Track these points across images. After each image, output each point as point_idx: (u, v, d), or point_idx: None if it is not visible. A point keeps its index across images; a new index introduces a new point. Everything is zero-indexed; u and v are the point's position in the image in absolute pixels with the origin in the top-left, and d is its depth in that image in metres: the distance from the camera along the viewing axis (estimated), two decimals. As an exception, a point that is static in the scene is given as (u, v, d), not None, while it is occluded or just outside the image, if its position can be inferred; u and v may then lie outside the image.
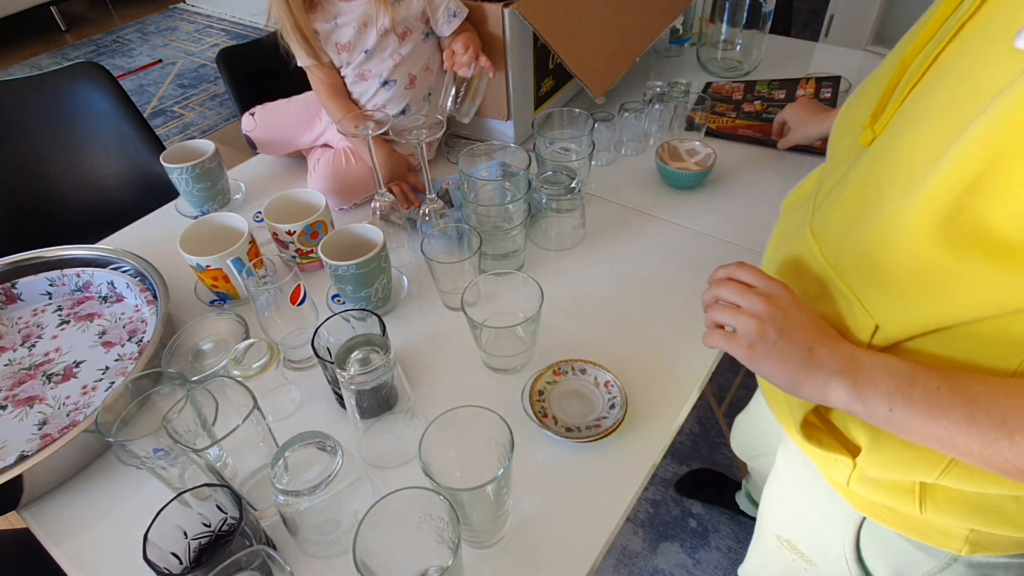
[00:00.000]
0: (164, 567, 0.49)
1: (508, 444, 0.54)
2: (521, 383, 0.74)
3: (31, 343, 0.85)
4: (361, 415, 0.66)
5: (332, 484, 0.54)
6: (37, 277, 0.90)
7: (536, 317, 0.70)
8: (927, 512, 0.49)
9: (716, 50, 1.35)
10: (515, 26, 0.98)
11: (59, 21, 4.01)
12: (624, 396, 0.70)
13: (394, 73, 1.00)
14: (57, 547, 0.65)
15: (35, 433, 0.74)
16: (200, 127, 2.98)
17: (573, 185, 0.90)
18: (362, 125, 0.83)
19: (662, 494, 1.43)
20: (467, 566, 0.60)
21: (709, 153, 1.03)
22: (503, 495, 0.56)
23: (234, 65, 1.30)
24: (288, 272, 0.74)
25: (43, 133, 1.24)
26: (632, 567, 1.31)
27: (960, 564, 0.53)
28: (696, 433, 1.55)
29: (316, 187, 1.01)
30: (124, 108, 1.25)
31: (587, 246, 0.95)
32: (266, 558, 0.48)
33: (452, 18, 0.99)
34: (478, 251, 0.79)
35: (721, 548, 1.33)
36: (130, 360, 0.82)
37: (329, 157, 1.05)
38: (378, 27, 0.96)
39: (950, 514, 0.48)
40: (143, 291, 0.87)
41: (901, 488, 0.49)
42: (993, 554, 0.51)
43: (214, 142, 1.01)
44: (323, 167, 1.04)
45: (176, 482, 0.63)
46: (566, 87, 1.22)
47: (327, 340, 0.68)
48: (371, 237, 0.80)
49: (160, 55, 3.66)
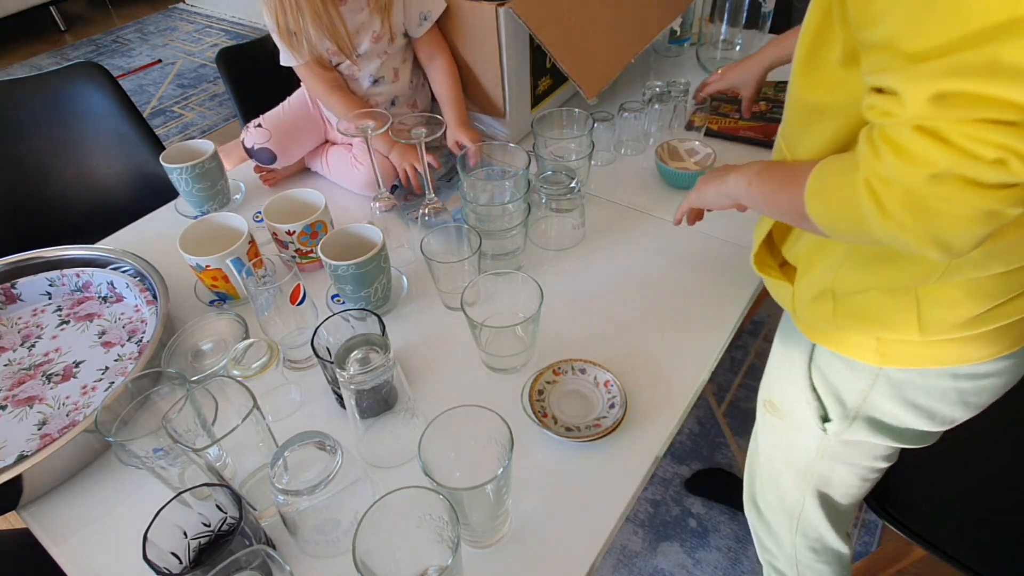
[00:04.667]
0: (164, 567, 0.49)
1: (508, 444, 0.54)
2: (521, 383, 0.74)
3: (31, 343, 0.85)
4: (361, 415, 0.66)
5: (332, 484, 0.54)
6: (37, 277, 0.90)
7: (536, 317, 0.70)
8: (840, 325, 0.61)
9: (716, 50, 1.35)
10: (510, 25, 0.98)
11: (59, 21, 4.01)
12: (624, 396, 0.70)
13: (381, 71, 1.03)
14: (57, 547, 0.65)
15: (35, 433, 0.74)
16: (200, 127, 2.98)
17: (573, 185, 0.90)
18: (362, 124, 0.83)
19: (662, 494, 1.43)
20: (467, 566, 0.60)
21: (709, 153, 1.03)
22: (503, 495, 0.56)
23: (234, 65, 1.30)
24: (288, 272, 0.74)
25: (43, 133, 1.24)
26: (632, 567, 1.31)
27: (883, 382, 0.62)
28: (696, 433, 1.55)
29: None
30: (124, 108, 1.25)
31: (587, 246, 0.95)
32: (266, 558, 0.48)
33: (423, 22, 1.02)
34: (478, 251, 0.79)
35: (721, 548, 1.33)
36: (130, 360, 0.82)
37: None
38: (372, 34, 0.97)
39: (855, 323, 0.60)
40: (143, 291, 0.87)
41: (822, 306, 0.61)
42: (903, 366, 0.60)
43: (214, 142, 1.01)
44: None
45: (176, 482, 0.63)
46: (563, 86, 1.22)
47: (327, 340, 0.68)
48: (371, 237, 0.80)
49: (160, 55, 3.66)
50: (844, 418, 0.67)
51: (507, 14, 0.97)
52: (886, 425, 0.66)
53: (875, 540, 1.33)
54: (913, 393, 0.62)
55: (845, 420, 0.67)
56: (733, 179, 0.63)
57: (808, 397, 0.70)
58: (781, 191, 0.55)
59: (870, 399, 0.64)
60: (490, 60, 1.04)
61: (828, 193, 0.48)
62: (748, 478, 0.92)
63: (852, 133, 0.51)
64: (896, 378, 0.61)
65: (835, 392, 0.67)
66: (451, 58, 1.07)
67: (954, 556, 0.84)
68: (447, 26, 1.05)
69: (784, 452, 0.80)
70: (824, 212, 0.49)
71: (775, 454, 0.82)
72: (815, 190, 0.49)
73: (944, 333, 0.56)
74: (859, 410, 0.66)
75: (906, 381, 0.61)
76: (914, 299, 0.55)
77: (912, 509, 0.89)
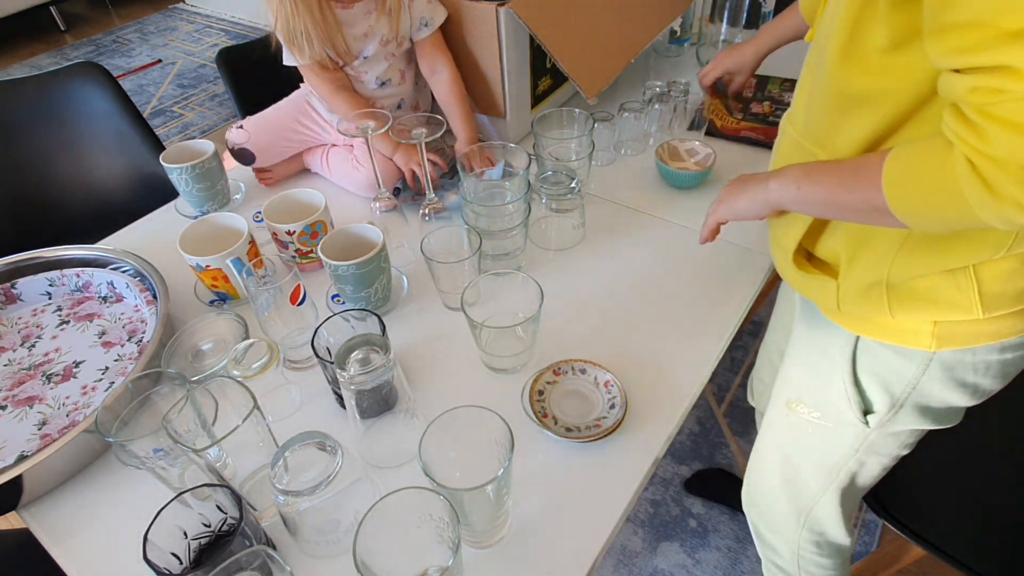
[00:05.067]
0: (164, 567, 0.49)
1: (508, 444, 0.54)
2: (521, 383, 0.74)
3: (31, 343, 0.85)
4: (361, 415, 0.66)
5: (332, 484, 0.54)
6: (37, 277, 0.90)
7: (536, 317, 0.70)
8: (896, 314, 0.59)
9: (716, 50, 1.35)
10: (510, 25, 0.98)
11: (59, 21, 4.01)
12: (624, 396, 0.70)
13: (388, 73, 1.04)
14: (57, 547, 0.65)
15: (35, 433, 0.73)
16: (200, 127, 2.97)
17: (573, 185, 0.90)
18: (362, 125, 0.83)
19: (662, 494, 1.43)
20: (467, 566, 0.60)
21: (709, 153, 1.03)
22: (503, 495, 0.56)
23: (234, 65, 1.30)
24: (288, 272, 0.74)
25: (43, 133, 1.24)
26: (632, 567, 1.31)
27: (936, 366, 0.61)
28: (696, 433, 1.55)
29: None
30: (124, 108, 1.25)
31: (587, 246, 0.95)
32: (266, 558, 0.48)
33: (424, 27, 1.01)
34: (478, 251, 0.79)
35: (721, 548, 1.33)
36: (130, 360, 0.82)
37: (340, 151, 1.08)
38: (379, 38, 0.98)
39: (912, 310, 0.58)
40: (143, 291, 0.87)
41: (874, 298, 0.60)
42: (959, 346, 0.59)
43: (214, 142, 1.01)
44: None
45: (176, 482, 0.63)
46: (564, 86, 1.22)
47: (327, 340, 0.68)
48: (371, 237, 0.80)
49: (160, 55, 3.66)
50: (890, 408, 0.66)
51: (507, 14, 0.97)
52: (931, 408, 0.66)
53: (875, 540, 1.33)
54: (963, 372, 0.61)
55: (891, 410, 0.67)
56: (776, 185, 0.60)
57: (850, 392, 0.68)
58: (844, 189, 0.53)
59: (920, 385, 0.63)
60: (490, 60, 1.04)
61: (916, 183, 0.47)
62: (752, 476, 0.92)
63: (899, 119, 0.51)
64: (949, 360, 0.61)
65: (883, 383, 0.65)
66: (455, 70, 1.05)
67: (954, 556, 0.84)
68: (447, 26, 1.05)
69: (807, 450, 0.78)
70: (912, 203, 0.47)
71: (794, 451, 0.81)
72: (896, 181, 0.48)
73: (1004, 308, 0.56)
74: (907, 398, 0.65)
75: (958, 361, 0.61)
76: (972, 277, 0.54)
77: (912, 509, 0.89)
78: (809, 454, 0.78)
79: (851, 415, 0.69)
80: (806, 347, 0.74)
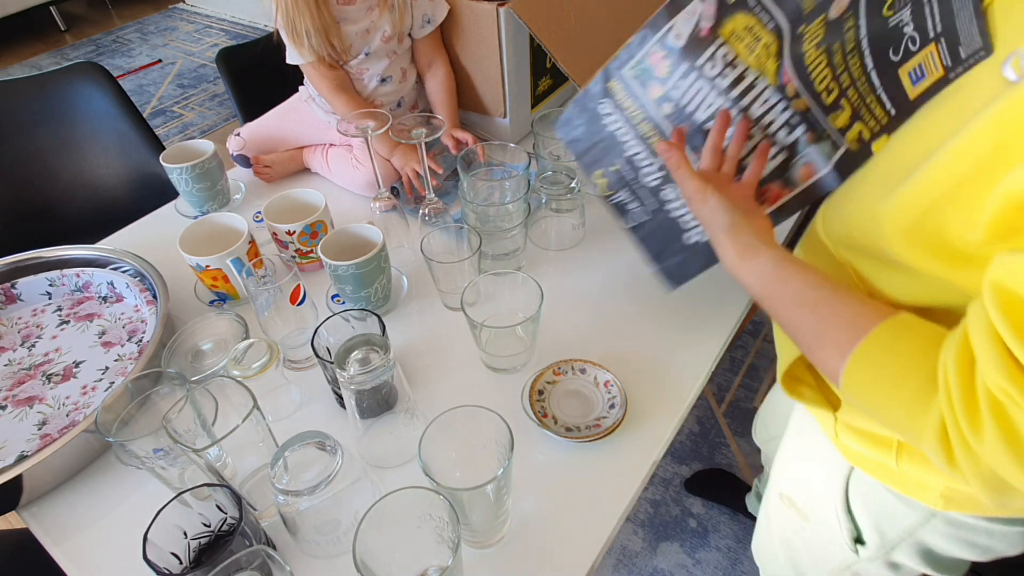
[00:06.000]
0: (164, 567, 0.49)
1: (508, 444, 0.54)
2: (521, 383, 0.74)
3: (31, 343, 0.85)
4: (361, 415, 0.66)
5: (332, 484, 0.54)
6: (37, 277, 0.90)
7: (536, 317, 0.70)
8: (903, 465, 0.53)
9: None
10: (510, 25, 0.98)
11: (59, 21, 4.01)
12: (624, 396, 0.70)
13: (390, 70, 1.04)
14: (57, 547, 0.65)
15: (35, 433, 0.73)
16: (200, 127, 2.98)
17: (573, 185, 0.90)
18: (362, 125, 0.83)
19: (662, 494, 1.43)
20: (467, 566, 0.60)
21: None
22: (503, 495, 0.56)
23: (234, 65, 1.30)
24: (288, 272, 0.74)
25: (43, 133, 1.24)
26: (632, 567, 1.31)
27: (939, 521, 0.55)
28: (696, 433, 1.55)
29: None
30: (124, 108, 1.25)
31: (587, 246, 0.95)
32: (266, 558, 0.48)
33: (426, 24, 1.02)
34: (478, 251, 0.79)
35: (721, 548, 1.33)
36: (130, 360, 0.82)
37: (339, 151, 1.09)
38: (382, 34, 0.98)
39: (924, 469, 0.52)
40: (143, 291, 0.87)
41: (881, 440, 0.53)
42: (969, 512, 0.53)
43: (214, 142, 1.01)
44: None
45: (176, 482, 0.63)
46: (564, 86, 1.22)
47: (327, 340, 0.68)
48: (371, 237, 0.80)
49: (160, 55, 3.66)
50: (882, 547, 0.60)
51: (507, 14, 0.97)
52: (932, 554, 0.59)
53: None
54: (974, 536, 0.55)
55: (882, 548, 0.61)
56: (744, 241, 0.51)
57: (841, 516, 0.62)
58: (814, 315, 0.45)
59: (918, 534, 0.57)
60: (490, 60, 1.04)
61: (885, 389, 0.40)
62: (760, 536, 0.85)
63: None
64: (958, 520, 0.54)
65: (875, 521, 0.60)
66: (449, 68, 1.08)
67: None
68: (447, 26, 1.05)
69: (807, 545, 0.72)
70: (868, 398, 0.41)
71: (796, 545, 0.75)
72: (867, 362, 0.40)
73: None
74: (901, 542, 0.59)
75: (969, 524, 0.54)
76: None
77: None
78: (810, 548, 0.73)
79: (840, 536, 0.64)
80: (799, 445, 0.69)
